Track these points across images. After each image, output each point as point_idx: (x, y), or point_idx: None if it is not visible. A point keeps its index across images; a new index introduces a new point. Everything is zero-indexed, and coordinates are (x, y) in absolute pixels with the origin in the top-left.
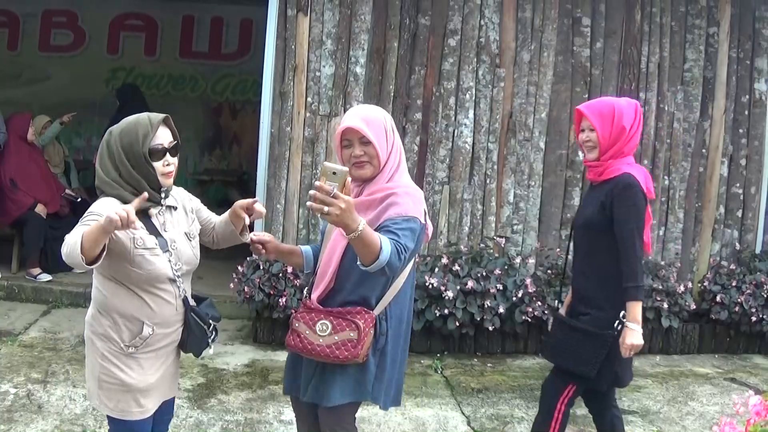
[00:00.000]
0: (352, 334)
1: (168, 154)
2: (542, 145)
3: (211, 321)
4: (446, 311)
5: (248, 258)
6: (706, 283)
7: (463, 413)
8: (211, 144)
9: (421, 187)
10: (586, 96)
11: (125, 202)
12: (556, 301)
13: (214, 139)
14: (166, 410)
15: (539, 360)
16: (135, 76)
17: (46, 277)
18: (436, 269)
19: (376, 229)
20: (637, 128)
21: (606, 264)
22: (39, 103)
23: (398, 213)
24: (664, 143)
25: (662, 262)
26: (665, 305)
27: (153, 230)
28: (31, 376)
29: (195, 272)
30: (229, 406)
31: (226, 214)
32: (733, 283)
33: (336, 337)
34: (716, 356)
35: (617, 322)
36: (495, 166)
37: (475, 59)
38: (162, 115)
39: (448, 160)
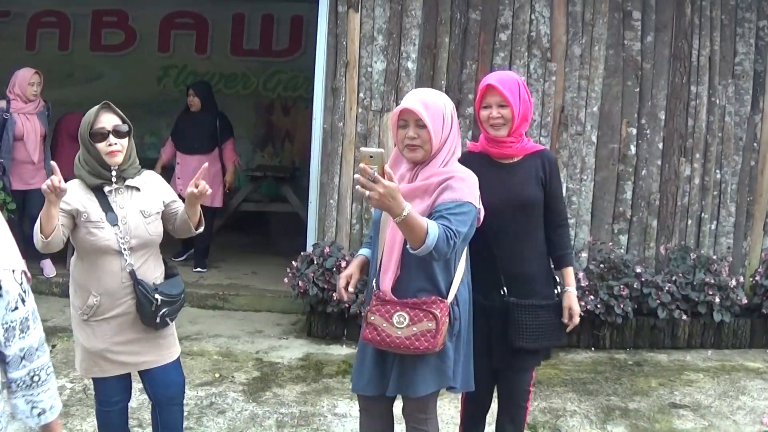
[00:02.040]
0: (430, 325)
1: (111, 135)
2: (594, 139)
3: (158, 296)
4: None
5: (302, 253)
6: (757, 278)
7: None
8: (264, 141)
9: None
10: (638, 90)
11: (84, 181)
12: (505, 290)
13: (267, 136)
14: (161, 377)
15: (591, 354)
16: (186, 75)
17: None
18: None
19: (430, 213)
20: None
21: (540, 238)
22: (91, 103)
23: (453, 198)
24: (715, 137)
25: (714, 257)
26: (717, 299)
27: (106, 206)
28: None
29: (249, 267)
30: (284, 399)
31: (184, 205)
32: None
33: (414, 329)
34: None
35: (557, 291)
36: None
37: (526, 53)
38: (102, 103)
39: None
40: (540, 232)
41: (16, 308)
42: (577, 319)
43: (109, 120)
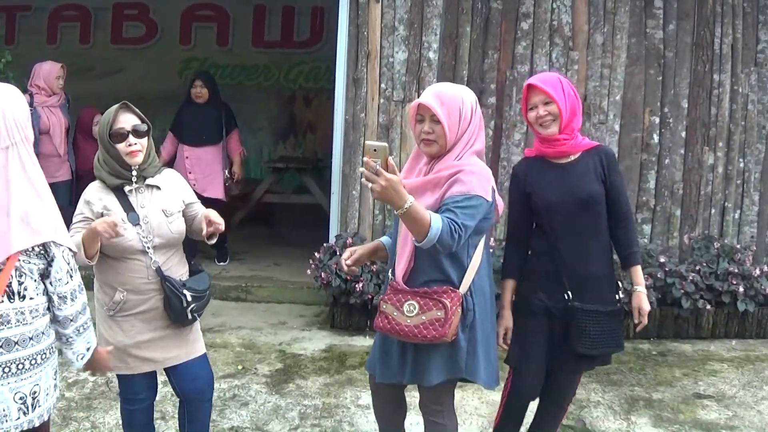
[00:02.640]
0: (439, 314)
1: (131, 136)
2: (617, 128)
3: (186, 292)
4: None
5: (325, 244)
6: None
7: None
8: (286, 132)
9: (496, 172)
10: (660, 78)
11: (105, 182)
12: (569, 294)
13: (288, 127)
14: (189, 373)
15: None
16: (208, 67)
17: None
18: None
19: (440, 206)
20: (580, 100)
21: (605, 237)
22: (112, 96)
23: (461, 191)
24: (738, 125)
25: (738, 246)
26: (741, 289)
27: (127, 206)
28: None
29: (272, 258)
30: (307, 390)
31: (202, 213)
32: None
33: (423, 317)
34: None
35: (619, 296)
36: None
37: (548, 42)
38: (121, 103)
39: (523, 144)
40: (604, 230)
41: (68, 282)
42: (645, 320)
43: (128, 120)
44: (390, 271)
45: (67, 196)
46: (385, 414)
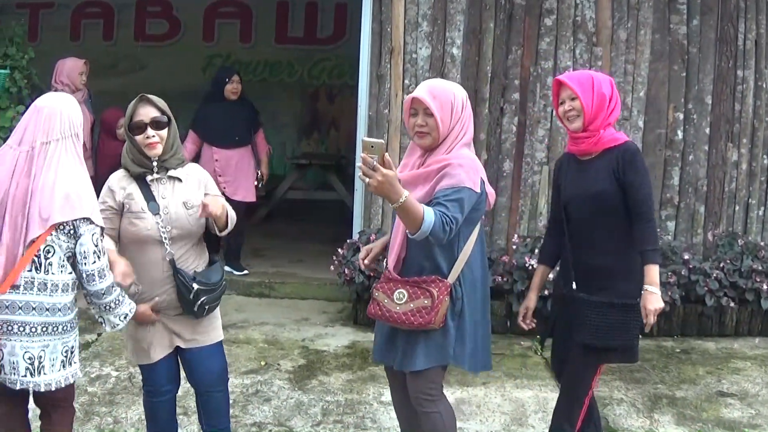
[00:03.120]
0: (426, 302)
1: (149, 128)
2: (641, 124)
3: (195, 284)
4: (546, 292)
5: (348, 240)
6: None
7: None
8: (309, 128)
9: (520, 168)
10: (684, 74)
11: (128, 170)
12: (575, 284)
13: (312, 124)
14: (201, 361)
15: (639, 341)
16: (231, 63)
17: None
18: (536, 250)
19: (431, 199)
20: (616, 101)
21: (621, 236)
22: (135, 93)
23: (450, 184)
24: (762, 122)
25: (762, 243)
26: (765, 286)
27: (148, 195)
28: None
29: (295, 254)
30: (330, 387)
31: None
32: None
33: (411, 305)
34: None
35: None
36: None
37: (572, 38)
38: (140, 95)
39: (546, 140)
40: (621, 226)
41: (95, 261)
42: (650, 319)
43: (146, 112)
44: (385, 260)
45: None
46: (402, 404)
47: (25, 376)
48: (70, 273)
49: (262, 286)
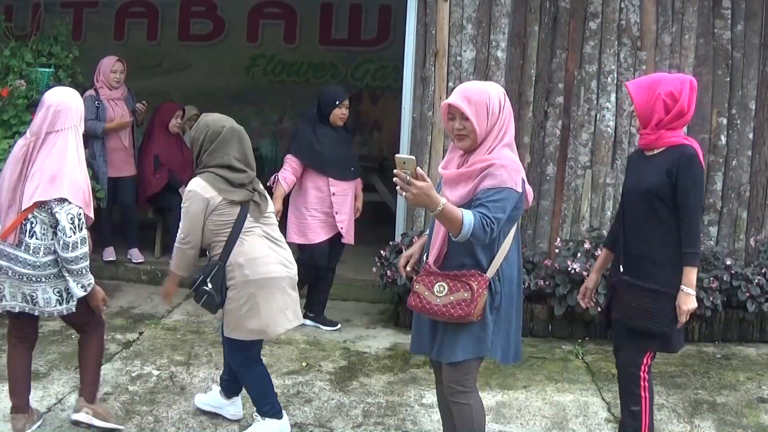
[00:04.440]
0: (465, 295)
1: None
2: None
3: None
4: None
5: (391, 242)
6: None
7: (604, 399)
8: (352, 130)
9: (563, 172)
10: (728, 80)
11: None
12: (621, 268)
13: (355, 126)
14: None
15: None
16: (275, 64)
17: None
18: (579, 254)
19: (472, 199)
20: (687, 101)
21: (668, 230)
22: (179, 93)
23: (492, 185)
24: None
25: None
26: None
27: None
28: (173, 358)
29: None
30: (371, 388)
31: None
32: None
33: (452, 297)
34: None
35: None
36: None
37: (616, 42)
38: None
39: (590, 144)
40: (669, 222)
41: (70, 235)
42: (683, 319)
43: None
44: (425, 255)
45: (132, 193)
46: (443, 402)
47: (26, 305)
48: (51, 240)
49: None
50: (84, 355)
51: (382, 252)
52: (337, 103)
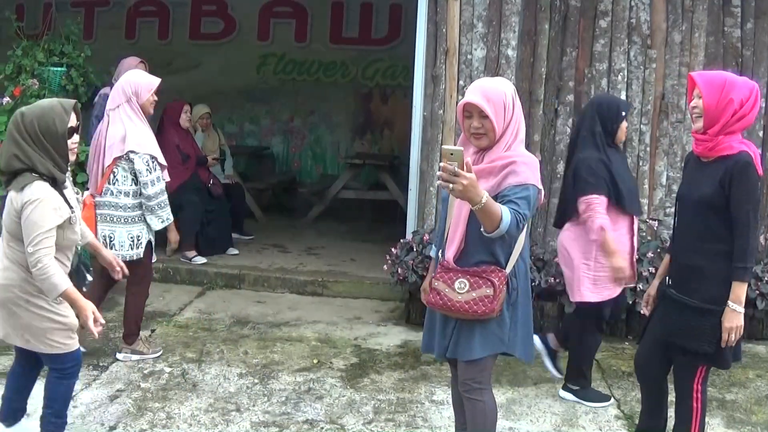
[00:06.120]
0: (488, 291)
1: (75, 133)
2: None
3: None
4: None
5: (401, 240)
6: None
7: (614, 396)
8: (362, 129)
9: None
10: None
11: (51, 177)
12: (669, 279)
13: (365, 124)
14: None
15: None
16: (285, 63)
17: (201, 259)
18: None
19: (496, 194)
20: (751, 108)
21: (721, 242)
22: (190, 92)
23: (517, 182)
24: None
25: None
26: None
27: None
28: (185, 355)
29: (348, 253)
30: (382, 385)
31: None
32: None
33: (474, 294)
34: None
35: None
36: (647, 148)
37: (626, 40)
38: (72, 102)
39: None
40: (721, 233)
41: (147, 175)
42: (725, 336)
43: (74, 119)
44: (440, 251)
45: None
46: (457, 398)
47: (106, 245)
48: (132, 185)
49: (315, 285)
50: (131, 300)
51: (392, 250)
52: (624, 114)
